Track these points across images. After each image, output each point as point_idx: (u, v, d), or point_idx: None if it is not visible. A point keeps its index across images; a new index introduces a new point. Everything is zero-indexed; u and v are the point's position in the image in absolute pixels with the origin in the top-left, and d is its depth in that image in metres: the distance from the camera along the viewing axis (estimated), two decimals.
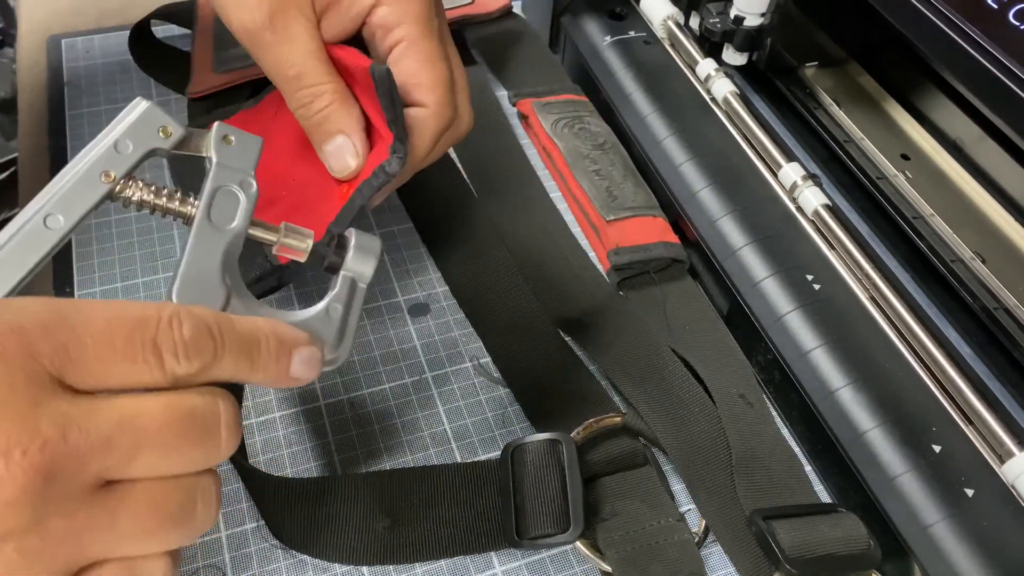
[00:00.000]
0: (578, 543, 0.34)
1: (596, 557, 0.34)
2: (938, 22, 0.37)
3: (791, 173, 0.44)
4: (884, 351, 0.38)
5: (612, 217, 0.45)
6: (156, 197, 0.28)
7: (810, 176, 0.43)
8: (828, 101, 0.50)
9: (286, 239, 0.29)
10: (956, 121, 0.46)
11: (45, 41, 0.56)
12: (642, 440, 0.38)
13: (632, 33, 0.54)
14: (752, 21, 0.49)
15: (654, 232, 0.45)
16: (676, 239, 0.45)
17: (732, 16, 0.50)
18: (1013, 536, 0.32)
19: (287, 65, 0.33)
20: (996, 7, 0.36)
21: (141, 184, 0.27)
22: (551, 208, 0.48)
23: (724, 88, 0.49)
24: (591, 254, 0.46)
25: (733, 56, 0.52)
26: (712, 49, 0.52)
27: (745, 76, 0.53)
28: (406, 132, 0.33)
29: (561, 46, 0.58)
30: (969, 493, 0.33)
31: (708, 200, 0.44)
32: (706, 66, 0.50)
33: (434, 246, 0.46)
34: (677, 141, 0.47)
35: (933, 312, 0.40)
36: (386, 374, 0.41)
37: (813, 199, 0.42)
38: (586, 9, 0.56)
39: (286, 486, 0.35)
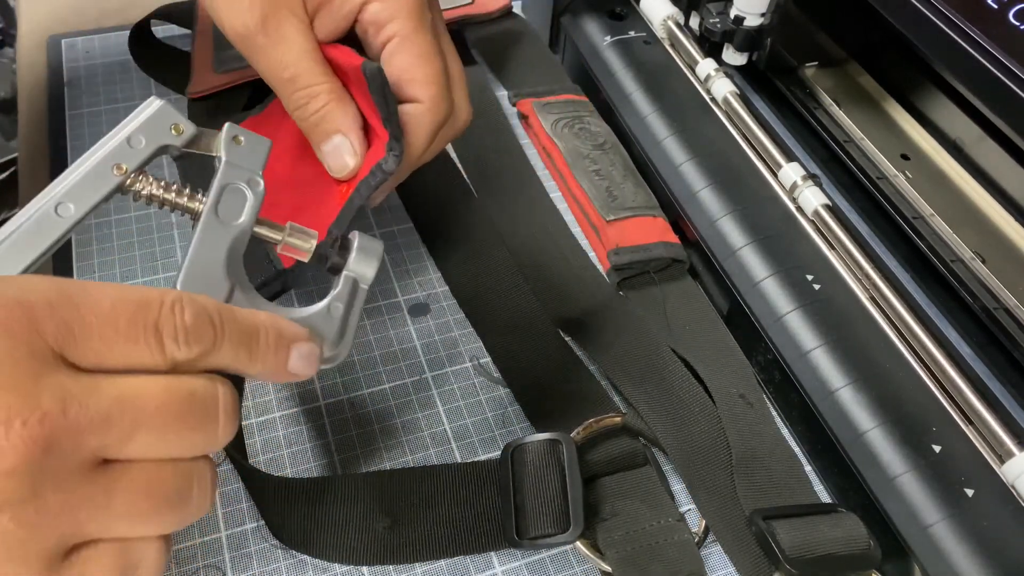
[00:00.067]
0: (578, 543, 0.34)
1: (596, 557, 0.34)
2: (938, 22, 0.37)
3: (791, 173, 0.44)
4: (884, 351, 0.38)
5: (612, 217, 0.45)
6: (165, 192, 0.28)
7: (810, 176, 0.43)
8: (828, 101, 0.50)
9: (290, 238, 0.30)
10: (956, 121, 0.46)
11: (45, 41, 0.56)
12: (642, 440, 0.38)
13: (632, 33, 0.54)
14: (752, 21, 0.49)
15: (654, 232, 0.45)
16: (676, 239, 0.45)
17: (732, 16, 0.50)
18: (1013, 536, 0.32)
19: (281, 67, 0.33)
20: (996, 7, 0.36)
21: (151, 179, 0.28)
22: (551, 208, 0.48)
23: (724, 88, 0.49)
24: (591, 254, 0.46)
25: (733, 56, 0.52)
26: (712, 49, 0.52)
27: (745, 76, 0.53)
28: (401, 129, 0.33)
29: (561, 46, 0.58)
30: (969, 493, 0.33)
31: (708, 200, 0.44)
32: (706, 66, 0.50)
33: (434, 246, 0.46)
34: (677, 141, 0.47)
35: (933, 312, 0.40)
36: (386, 374, 0.41)
37: (813, 199, 0.42)
38: (586, 9, 0.56)
39: (286, 486, 0.35)
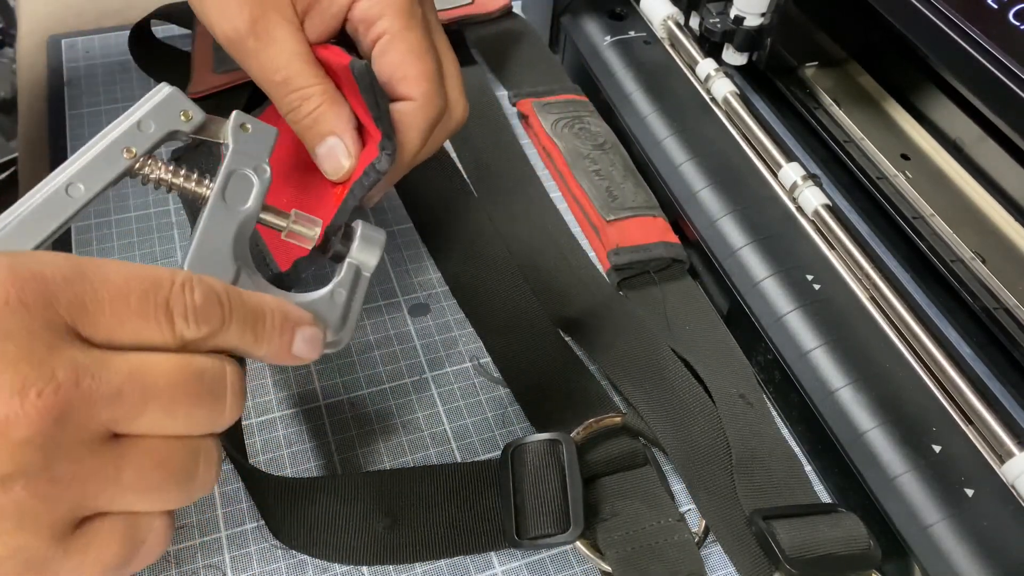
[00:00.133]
0: (578, 543, 0.34)
1: (596, 557, 0.34)
2: (938, 22, 0.37)
3: (791, 173, 0.44)
4: (884, 351, 0.38)
5: (612, 217, 0.45)
6: (173, 176, 0.29)
7: (810, 176, 0.43)
8: (828, 101, 0.50)
9: (295, 225, 0.30)
10: (956, 121, 0.46)
11: (45, 41, 0.56)
12: (642, 440, 0.38)
13: (632, 33, 0.54)
14: (752, 21, 0.49)
15: (654, 232, 0.45)
16: (676, 239, 0.45)
17: (732, 16, 0.50)
18: (1013, 536, 0.32)
19: (272, 70, 0.33)
20: (996, 7, 0.36)
21: (160, 163, 0.29)
22: (551, 208, 0.48)
23: (724, 88, 0.49)
24: (591, 254, 0.46)
25: (733, 56, 0.52)
26: (712, 49, 0.52)
27: (745, 76, 0.53)
28: (393, 128, 0.33)
29: (561, 46, 0.58)
30: (969, 493, 0.33)
31: (708, 200, 0.44)
32: (706, 66, 0.50)
33: (434, 246, 0.46)
34: (677, 141, 0.47)
35: (933, 312, 0.40)
36: (386, 374, 0.41)
37: (813, 199, 0.42)
38: (586, 9, 0.56)
39: (286, 486, 0.35)
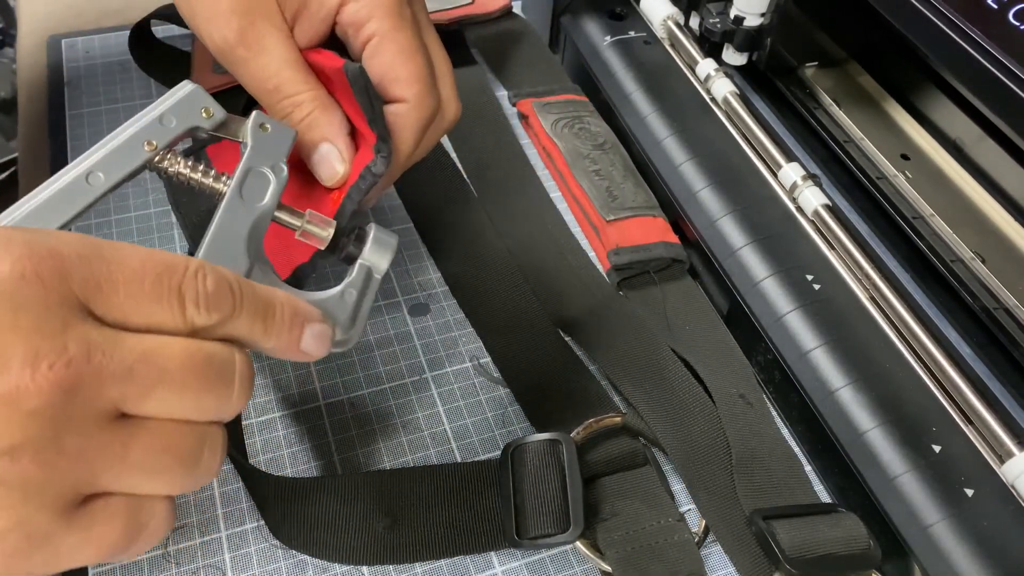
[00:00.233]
0: (578, 543, 0.34)
1: (596, 557, 0.34)
2: (938, 22, 0.37)
3: (791, 173, 0.44)
4: (884, 351, 0.38)
5: (612, 217, 0.45)
6: (192, 171, 0.29)
7: (810, 176, 0.43)
8: (828, 101, 0.50)
9: (309, 225, 0.31)
10: (956, 121, 0.46)
11: (45, 41, 0.56)
12: (642, 440, 0.38)
13: (632, 33, 0.54)
14: (752, 21, 0.49)
15: (654, 232, 0.45)
16: (676, 239, 0.45)
17: (732, 16, 0.50)
18: (1013, 536, 0.32)
19: (263, 78, 0.33)
20: (996, 7, 0.36)
21: (179, 158, 0.29)
22: (551, 208, 0.48)
23: (724, 88, 0.49)
24: (591, 254, 0.46)
25: (733, 56, 0.52)
26: (712, 49, 0.52)
27: (745, 76, 0.53)
28: (388, 130, 0.33)
29: (561, 46, 0.58)
30: (969, 493, 0.33)
31: (708, 200, 0.44)
32: (706, 66, 0.50)
33: (434, 246, 0.46)
34: (677, 141, 0.47)
35: (933, 312, 0.40)
36: (386, 374, 0.41)
37: (813, 199, 0.42)
38: (586, 9, 0.56)
39: (286, 486, 0.35)
